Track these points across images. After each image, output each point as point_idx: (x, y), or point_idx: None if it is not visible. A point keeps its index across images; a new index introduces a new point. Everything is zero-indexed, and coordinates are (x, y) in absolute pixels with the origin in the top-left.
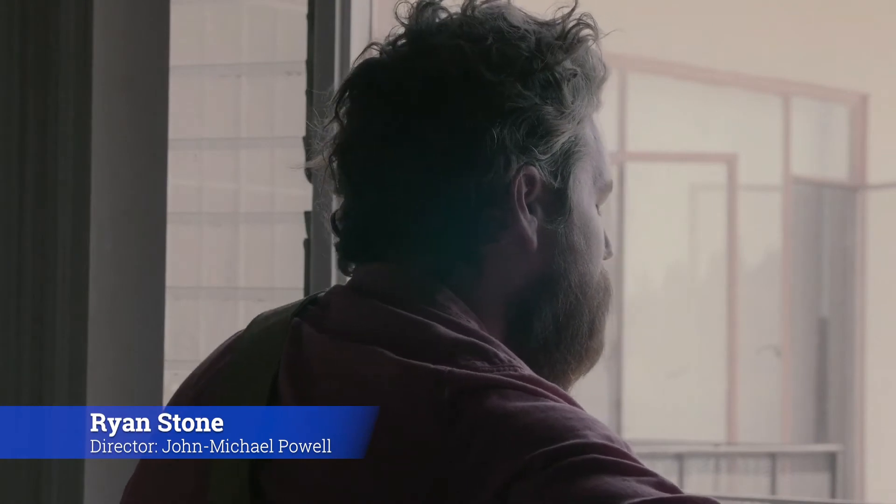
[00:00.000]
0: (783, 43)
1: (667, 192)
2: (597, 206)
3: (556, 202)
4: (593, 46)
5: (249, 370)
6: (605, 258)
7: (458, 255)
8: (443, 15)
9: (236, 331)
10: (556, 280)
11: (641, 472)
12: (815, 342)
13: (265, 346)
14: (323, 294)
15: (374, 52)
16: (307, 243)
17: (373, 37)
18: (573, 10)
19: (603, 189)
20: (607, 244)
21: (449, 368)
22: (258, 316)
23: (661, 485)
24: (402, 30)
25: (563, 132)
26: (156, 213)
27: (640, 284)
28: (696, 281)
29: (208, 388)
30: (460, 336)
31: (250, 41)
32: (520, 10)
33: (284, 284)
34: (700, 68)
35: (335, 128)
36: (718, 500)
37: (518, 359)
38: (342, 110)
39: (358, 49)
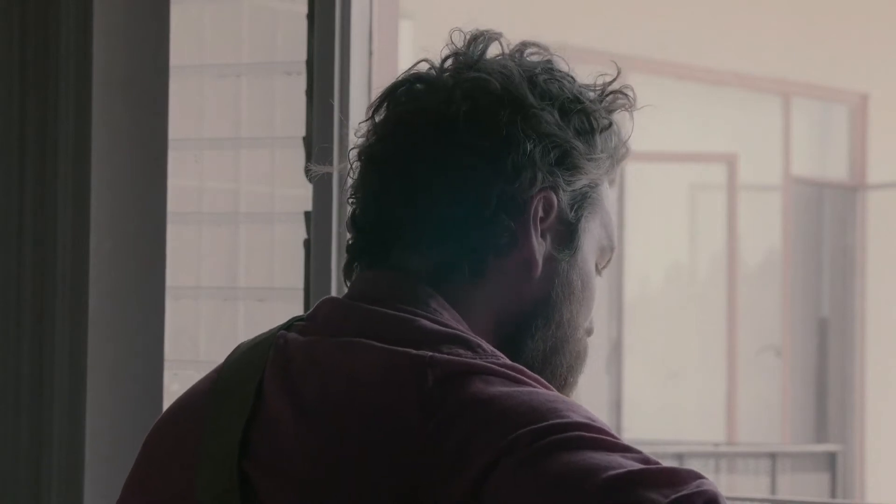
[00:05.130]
0: (783, 43)
1: (667, 192)
2: (596, 266)
3: (567, 235)
4: (624, 122)
5: (234, 380)
6: (588, 332)
7: (463, 261)
8: (494, 47)
9: (235, 331)
10: (550, 309)
11: (625, 449)
12: (815, 342)
13: (250, 358)
14: (310, 311)
15: (423, 66)
16: (307, 243)
17: (373, 37)
18: (615, 79)
19: (604, 251)
20: (591, 319)
21: (431, 354)
22: (242, 342)
23: (645, 460)
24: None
25: (587, 172)
26: (156, 213)
27: (640, 284)
28: (696, 281)
29: (197, 404)
30: (443, 328)
31: (250, 41)
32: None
33: (284, 284)
34: (700, 68)
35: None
36: (704, 475)
37: (501, 351)
38: (380, 110)
39: (358, 49)
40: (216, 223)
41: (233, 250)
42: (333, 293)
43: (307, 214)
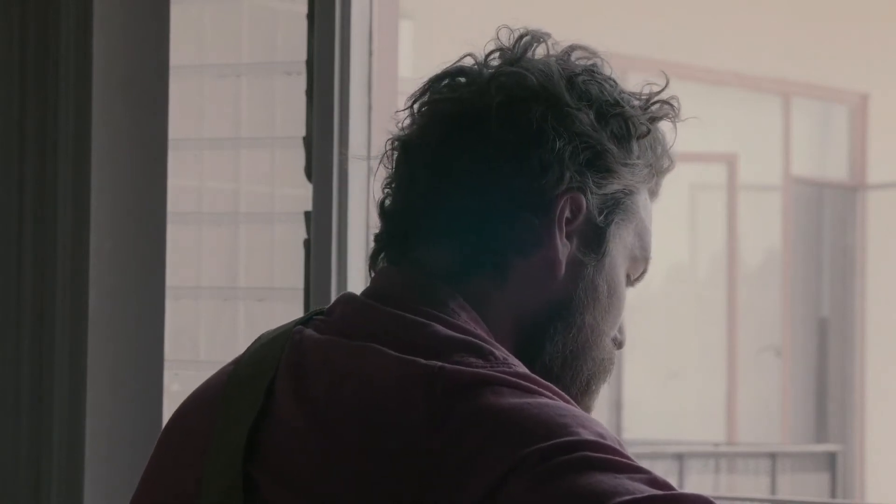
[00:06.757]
0: (783, 43)
1: (667, 192)
2: (627, 276)
3: (594, 239)
4: (668, 133)
5: (249, 375)
6: (617, 344)
7: (484, 258)
8: (540, 48)
9: (235, 331)
10: (572, 312)
11: (634, 470)
12: (815, 342)
13: (266, 353)
14: (329, 305)
15: (468, 61)
16: (307, 243)
17: (373, 37)
18: (663, 88)
19: (637, 262)
20: (622, 329)
21: (440, 364)
22: (264, 332)
23: (654, 482)
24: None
25: (621, 177)
26: (156, 213)
27: (640, 284)
28: (696, 281)
29: (210, 399)
30: (456, 334)
31: (250, 41)
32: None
33: (284, 284)
34: (700, 68)
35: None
36: (713, 499)
37: (514, 357)
38: (420, 101)
39: (358, 49)
40: (216, 223)
41: (233, 250)
42: (333, 293)
43: (307, 214)
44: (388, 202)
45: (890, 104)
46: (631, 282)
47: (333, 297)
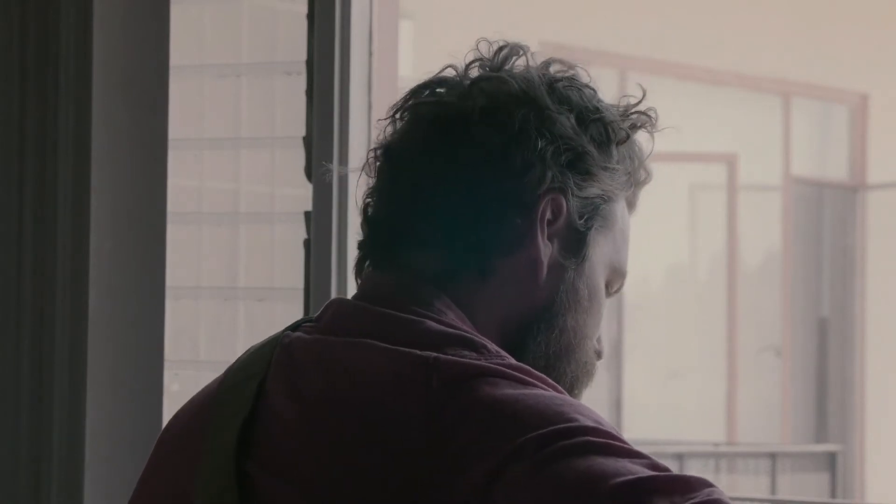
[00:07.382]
0: (783, 43)
1: (667, 192)
2: (606, 285)
3: (575, 243)
4: (645, 144)
5: (238, 380)
6: (597, 353)
7: (469, 260)
8: (520, 61)
9: (235, 331)
10: (555, 315)
11: (633, 454)
12: (815, 342)
13: (257, 357)
14: (318, 312)
15: (449, 72)
16: (307, 243)
17: (373, 37)
18: (640, 100)
19: (615, 272)
20: (599, 340)
21: (435, 355)
22: (252, 345)
23: (654, 466)
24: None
25: (601, 181)
26: (156, 213)
27: (640, 284)
28: (696, 281)
29: (203, 403)
30: (448, 329)
31: (250, 41)
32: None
33: (284, 284)
34: (700, 68)
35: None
36: (713, 483)
37: (504, 351)
38: (402, 110)
39: (358, 49)
40: (216, 223)
41: (233, 250)
42: (333, 293)
43: (307, 214)
44: (370, 210)
45: (890, 104)
46: (608, 293)
47: (333, 297)
